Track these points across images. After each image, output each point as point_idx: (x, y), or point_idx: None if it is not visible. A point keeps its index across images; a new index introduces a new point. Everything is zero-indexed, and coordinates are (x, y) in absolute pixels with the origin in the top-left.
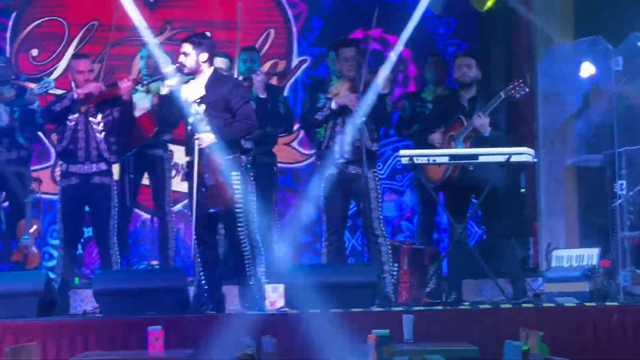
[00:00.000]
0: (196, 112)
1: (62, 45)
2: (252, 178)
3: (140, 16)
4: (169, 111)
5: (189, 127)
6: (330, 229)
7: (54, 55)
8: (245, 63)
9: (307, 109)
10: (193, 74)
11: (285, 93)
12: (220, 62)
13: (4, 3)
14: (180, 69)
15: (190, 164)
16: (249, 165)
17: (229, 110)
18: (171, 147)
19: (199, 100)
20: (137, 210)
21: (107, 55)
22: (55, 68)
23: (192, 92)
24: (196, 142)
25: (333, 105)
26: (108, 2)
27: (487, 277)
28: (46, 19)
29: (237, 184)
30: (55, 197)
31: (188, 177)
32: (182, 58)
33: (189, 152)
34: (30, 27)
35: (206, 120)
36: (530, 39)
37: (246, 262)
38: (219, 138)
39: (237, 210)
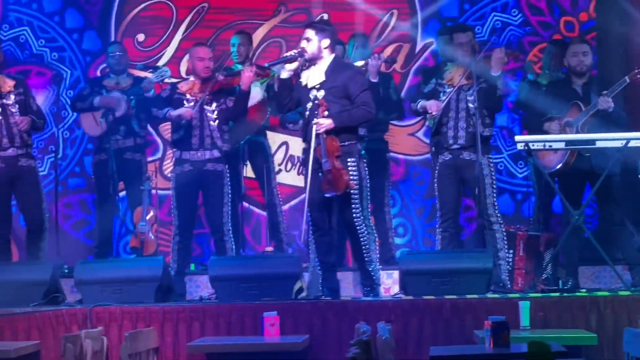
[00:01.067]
0: (315, 98)
1: (169, 30)
2: (365, 164)
3: None
4: (287, 95)
5: (307, 113)
6: (444, 215)
7: (162, 40)
8: (357, 50)
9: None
10: (314, 59)
11: (409, 78)
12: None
13: None
14: (302, 53)
15: (306, 150)
16: (363, 152)
17: (348, 97)
18: (287, 138)
19: (318, 85)
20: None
21: (217, 40)
22: (163, 53)
23: (311, 78)
24: (314, 127)
25: (419, 107)
26: None
27: (604, 263)
28: (152, 1)
29: (353, 169)
30: (163, 192)
31: (304, 163)
32: (304, 43)
33: (305, 137)
34: (135, 10)
35: (325, 105)
36: None
37: (364, 247)
38: (337, 123)
39: (353, 195)
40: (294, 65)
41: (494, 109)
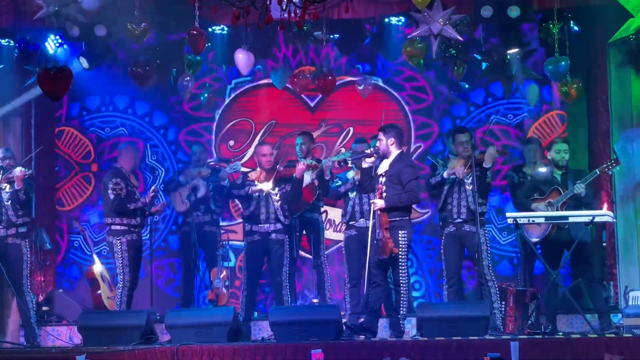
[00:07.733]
0: (381, 182)
1: (250, 138)
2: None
3: None
4: (367, 179)
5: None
6: (449, 274)
7: (244, 145)
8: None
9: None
10: (385, 154)
11: None
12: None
13: None
14: (377, 151)
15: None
16: None
17: (401, 183)
18: (327, 208)
19: (383, 173)
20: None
21: (282, 144)
22: (245, 154)
23: (381, 168)
24: (372, 205)
25: (445, 175)
26: (285, 106)
27: (577, 312)
28: (239, 120)
29: (403, 240)
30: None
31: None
32: (378, 143)
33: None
34: (228, 125)
35: (381, 189)
36: (608, 125)
37: (402, 302)
38: (387, 204)
39: (401, 261)
40: (372, 159)
41: (486, 191)
